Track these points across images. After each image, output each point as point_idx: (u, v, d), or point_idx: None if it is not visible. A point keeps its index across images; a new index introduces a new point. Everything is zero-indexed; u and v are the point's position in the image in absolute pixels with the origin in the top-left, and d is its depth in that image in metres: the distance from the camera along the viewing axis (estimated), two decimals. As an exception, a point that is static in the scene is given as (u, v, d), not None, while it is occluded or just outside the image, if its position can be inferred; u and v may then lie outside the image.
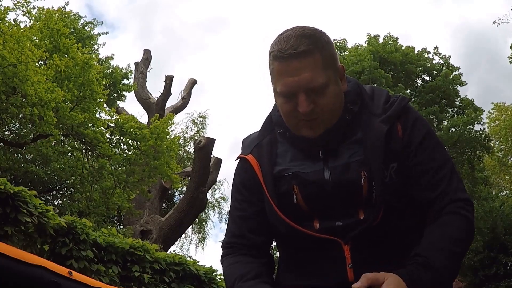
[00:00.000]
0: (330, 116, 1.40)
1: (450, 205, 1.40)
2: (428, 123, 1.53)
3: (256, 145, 1.53)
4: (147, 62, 17.48)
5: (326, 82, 1.36)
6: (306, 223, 1.44)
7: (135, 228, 12.28)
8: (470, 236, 1.41)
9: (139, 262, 5.84)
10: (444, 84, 19.50)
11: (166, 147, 10.86)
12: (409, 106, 1.50)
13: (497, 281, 17.98)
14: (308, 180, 1.43)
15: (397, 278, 1.26)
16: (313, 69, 1.35)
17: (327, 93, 1.38)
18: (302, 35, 1.37)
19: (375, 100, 1.49)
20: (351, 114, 1.45)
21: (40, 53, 9.22)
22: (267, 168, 1.47)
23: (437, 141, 1.49)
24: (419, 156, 1.44)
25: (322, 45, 1.38)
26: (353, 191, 1.40)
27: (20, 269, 2.07)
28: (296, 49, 1.35)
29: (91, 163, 11.35)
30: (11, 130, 11.56)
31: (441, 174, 1.43)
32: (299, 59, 1.35)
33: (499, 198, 22.38)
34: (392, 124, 1.43)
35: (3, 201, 4.71)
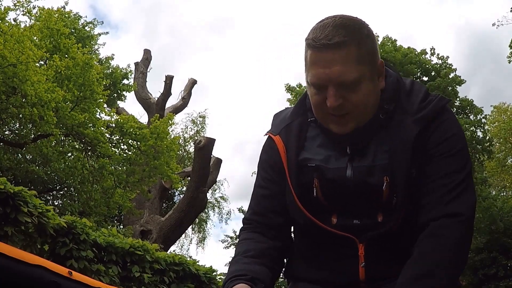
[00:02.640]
0: (360, 114, 1.34)
1: (444, 218, 1.31)
2: (459, 126, 1.42)
3: (286, 125, 1.47)
4: (147, 62, 17.48)
5: (358, 77, 1.29)
6: (324, 217, 1.41)
7: (135, 228, 12.29)
8: (464, 253, 1.31)
9: (139, 262, 5.85)
10: (443, 84, 19.50)
11: (166, 147, 10.86)
12: (447, 108, 1.41)
13: (497, 281, 17.99)
14: (329, 176, 1.39)
15: None
16: (346, 62, 1.28)
17: (359, 89, 1.31)
18: (340, 25, 1.30)
19: (413, 97, 1.40)
20: (385, 113, 1.38)
21: (40, 53, 9.23)
22: (293, 155, 1.42)
23: (460, 148, 1.37)
24: (435, 159, 1.36)
25: (360, 37, 1.31)
26: (373, 194, 1.36)
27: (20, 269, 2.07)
28: (330, 40, 1.28)
29: (91, 163, 11.35)
30: (11, 130, 11.57)
31: (448, 183, 1.34)
32: (333, 50, 1.28)
33: (499, 198, 22.39)
34: (424, 126, 1.35)
35: (3, 201, 4.71)
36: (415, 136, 1.34)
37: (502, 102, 25.75)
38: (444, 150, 1.36)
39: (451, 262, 1.28)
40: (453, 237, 1.29)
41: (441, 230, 1.31)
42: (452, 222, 1.31)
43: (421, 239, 1.32)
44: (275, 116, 1.55)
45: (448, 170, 1.35)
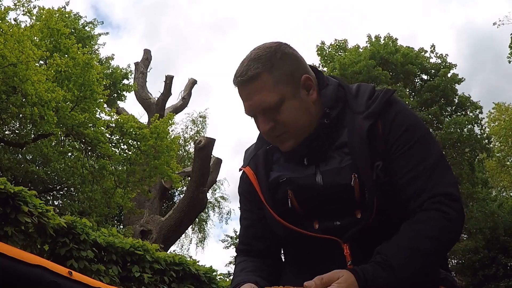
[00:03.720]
0: (296, 129, 1.43)
1: (428, 201, 1.35)
2: (413, 115, 1.48)
3: (253, 156, 1.58)
4: (147, 62, 17.48)
5: (278, 100, 1.39)
6: (306, 225, 1.46)
7: (135, 228, 12.28)
8: (447, 232, 1.33)
9: (139, 262, 5.84)
10: (442, 83, 19.49)
11: (166, 147, 10.86)
12: (393, 100, 1.47)
13: (497, 281, 17.98)
14: (301, 185, 1.45)
15: (350, 277, 1.24)
16: (262, 91, 1.39)
17: (284, 109, 1.40)
18: (252, 59, 1.41)
19: (359, 97, 1.48)
20: (329, 118, 1.44)
21: (40, 53, 9.22)
22: (263, 177, 1.51)
23: (421, 136, 1.43)
24: (397, 152, 1.41)
25: (272, 64, 1.40)
26: (345, 193, 1.40)
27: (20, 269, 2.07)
28: (244, 76, 1.40)
29: (91, 163, 11.35)
30: (11, 130, 11.56)
31: (419, 170, 1.38)
32: (248, 84, 1.40)
33: (499, 198, 22.38)
34: (374, 121, 1.42)
35: (3, 201, 4.71)
36: (367, 130, 1.40)
37: (502, 102, 25.74)
38: (405, 143, 1.41)
39: (430, 249, 1.31)
40: (434, 223, 1.32)
41: (437, 205, 1.34)
42: (445, 199, 1.34)
43: (404, 225, 1.35)
44: (245, 151, 1.66)
45: (417, 160, 1.39)
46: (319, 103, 1.46)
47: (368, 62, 18.68)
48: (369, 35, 20.72)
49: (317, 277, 1.24)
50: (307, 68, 1.49)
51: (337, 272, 1.25)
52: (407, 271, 1.28)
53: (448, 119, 19.54)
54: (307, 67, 1.49)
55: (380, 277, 1.26)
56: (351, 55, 19.66)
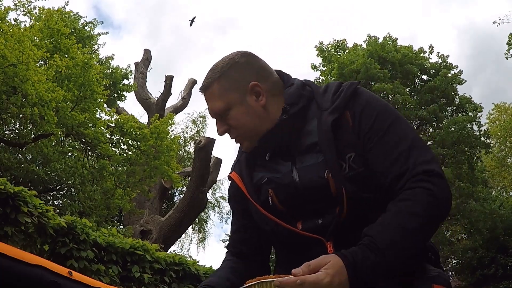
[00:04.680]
0: (246, 133, 1.53)
1: (410, 181, 1.36)
2: (381, 103, 1.50)
3: (236, 162, 1.67)
4: (147, 62, 17.47)
5: (226, 106, 1.52)
6: (290, 225, 1.49)
7: (135, 228, 12.28)
8: (432, 207, 1.32)
9: (139, 262, 5.84)
10: (442, 83, 19.48)
11: (166, 147, 10.86)
12: (358, 91, 1.51)
13: (496, 281, 17.98)
14: (280, 183, 1.51)
15: (338, 262, 1.24)
16: (213, 98, 1.54)
17: (232, 114, 1.52)
18: (209, 71, 1.57)
19: (327, 94, 1.53)
20: (287, 113, 1.51)
21: (40, 53, 9.23)
22: (247, 180, 1.59)
23: (392, 120, 1.46)
24: (372, 140, 1.43)
25: (220, 75, 1.53)
26: (321, 189, 1.43)
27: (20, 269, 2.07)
28: (202, 85, 1.58)
29: (91, 163, 11.35)
30: (11, 130, 11.56)
31: (397, 153, 1.40)
32: (204, 92, 1.57)
33: (499, 198, 22.38)
34: (340, 114, 1.46)
35: (3, 201, 4.71)
36: (331, 125, 1.44)
37: (503, 102, 25.74)
38: (378, 131, 1.43)
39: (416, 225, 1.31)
40: (417, 200, 1.32)
41: (418, 183, 1.35)
42: (426, 176, 1.35)
43: (388, 206, 1.36)
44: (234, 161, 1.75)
45: (392, 145, 1.41)
46: (280, 104, 1.53)
47: (366, 60, 18.67)
48: (368, 35, 20.72)
49: (305, 264, 1.24)
50: (261, 75, 1.55)
51: (325, 257, 1.26)
52: (395, 251, 1.28)
53: (449, 119, 19.53)
54: (262, 74, 1.56)
55: (368, 259, 1.26)
56: (349, 54, 19.65)
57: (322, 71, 20.68)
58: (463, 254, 20.48)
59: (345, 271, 1.23)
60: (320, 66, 20.79)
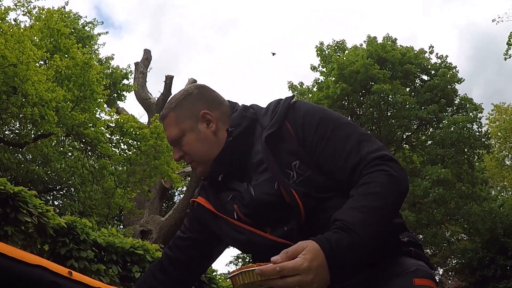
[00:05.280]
0: (199, 158, 1.64)
1: (365, 168, 1.43)
2: (320, 110, 1.59)
3: (200, 188, 1.75)
4: (147, 62, 17.48)
5: (179, 133, 1.65)
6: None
7: (135, 228, 12.29)
8: (390, 184, 1.39)
9: (139, 262, 5.84)
10: (441, 82, 19.47)
11: (166, 147, 10.86)
12: (294, 104, 1.60)
13: (495, 282, 17.99)
14: (241, 199, 1.58)
15: (314, 246, 1.27)
16: (169, 126, 1.66)
17: (185, 140, 1.64)
18: (167, 102, 1.70)
19: (268, 113, 1.62)
20: (230, 135, 1.60)
21: (40, 53, 9.23)
22: (215, 201, 1.67)
23: (334, 123, 1.53)
24: (320, 146, 1.50)
25: (175, 105, 1.67)
26: (276, 200, 1.50)
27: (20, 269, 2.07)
28: (160, 116, 1.71)
29: (91, 163, 11.35)
30: (11, 130, 11.56)
31: (348, 150, 1.47)
32: (163, 121, 1.70)
33: (499, 199, 22.38)
34: (277, 127, 1.54)
35: (3, 201, 4.71)
36: (265, 139, 1.52)
37: (502, 103, 25.74)
38: (323, 136, 1.51)
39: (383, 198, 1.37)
40: (376, 180, 1.39)
41: (372, 168, 1.42)
42: (379, 161, 1.43)
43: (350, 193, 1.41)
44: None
45: (341, 144, 1.49)
46: (212, 136, 1.64)
47: (365, 61, 18.66)
48: (368, 35, 20.72)
49: (283, 251, 1.27)
50: (212, 105, 1.67)
51: (301, 243, 1.29)
52: (365, 229, 1.31)
53: (449, 119, 19.52)
54: (212, 103, 1.67)
55: (343, 239, 1.28)
56: (349, 55, 19.65)
57: (321, 71, 20.68)
58: (463, 254, 20.49)
59: (322, 254, 1.26)
60: (319, 67, 20.79)
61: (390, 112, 19.91)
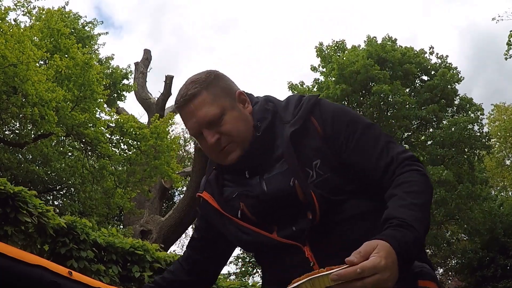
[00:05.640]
0: (239, 138, 1.54)
1: (398, 168, 1.46)
2: (349, 110, 1.60)
3: (206, 181, 1.69)
4: (147, 62, 17.47)
5: (220, 112, 1.52)
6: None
7: (135, 228, 12.28)
8: (428, 184, 1.44)
9: (139, 262, 5.84)
10: (442, 83, 19.47)
11: (166, 147, 10.86)
12: (320, 102, 1.58)
13: (495, 281, 17.98)
14: (250, 196, 1.55)
15: (385, 244, 1.25)
16: (204, 105, 1.52)
17: (226, 120, 1.53)
18: (189, 82, 1.56)
19: (288, 108, 1.59)
20: (259, 130, 1.55)
21: (40, 53, 9.22)
22: (219, 197, 1.63)
23: (363, 123, 1.55)
24: (350, 144, 1.51)
25: (208, 83, 1.55)
26: (289, 197, 1.49)
27: (20, 269, 2.07)
28: (186, 96, 1.54)
29: (91, 163, 11.35)
30: (11, 130, 11.56)
31: (379, 149, 1.50)
32: (190, 102, 1.53)
33: (499, 198, 22.38)
34: (301, 124, 1.52)
35: (3, 201, 4.71)
36: (290, 135, 1.50)
37: (502, 102, 25.74)
38: (353, 137, 1.52)
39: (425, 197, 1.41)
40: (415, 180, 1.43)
41: (408, 167, 1.46)
42: (411, 161, 1.47)
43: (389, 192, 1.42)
44: (202, 180, 1.78)
45: (370, 145, 1.51)
46: (249, 117, 1.58)
47: (366, 61, 18.66)
48: (368, 36, 20.71)
49: (355, 252, 1.24)
50: (238, 87, 1.63)
51: (370, 243, 1.26)
52: (420, 226, 1.32)
53: (450, 119, 19.52)
54: (238, 87, 1.64)
55: (407, 236, 1.28)
56: (349, 55, 19.64)
57: (321, 72, 20.67)
58: (463, 254, 20.49)
59: (393, 251, 1.25)
60: (319, 67, 20.78)
61: (390, 112, 19.91)
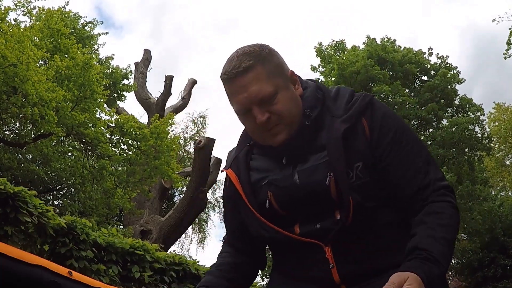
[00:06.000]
0: (289, 120, 1.45)
1: (432, 195, 1.42)
2: (398, 118, 1.53)
3: (234, 158, 1.60)
4: (147, 62, 17.46)
5: (274, 90, 1.42)
6: (287, 229, 1.47)
7: (135, 228, 12.28)
8: (457, 218, 1.42)
9: (139, 262, 5.84)
10: (442, 83, 19.47)
11: (166, 147, 10.86)
12: (374, 102, 1.50)
13: (496, 281, 17.98)
14: (280, 185, 1.48)
15: (416, 277, 1.25)
16: (258, 81, 1.41)
17: (278, 99, 1.43)
18: (242, 54, 1.44)
19: (338, 101, 1.51)
20: (309, 119, 1.47)
21: (40, 53, 9.23)
22: (245, 179, 1.54)
23: (409, 136, 1.49)
24: (391, 154, 1.45)
25: (263, 57, 1.44)
26: (321, 192, 1.42)
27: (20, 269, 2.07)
28: (239, 68, 1.42)
29: (91, 163, 11.35)
30: (11, 130, 11.56)
31: (418, 167, 1.44)
32: (243, 76, 1.42)
33: (499, 198, 22.37)
34: (353, 123, 1.45)
35: (3, 201, 4.71)
36: (343, 131, 1.43)
37: (502, 102, 25.75)
38: (397, 145, 1.46)
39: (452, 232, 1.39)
40: (447, 212, 1.40)
41: (443, 197, 1.42)
42: (447, 191, 1.44)
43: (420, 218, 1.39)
44: (228, 153, 1.68)
45: (411, 160, 1.45)
46: (299, 100, 1.50)
47: (366, 62, 18.66)
48: (367, 36, 20.71)
49: (390, 283, 1.24)
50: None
51: (400, 274, 1.26)
52: (446, 261, 1.32)
53: (450, 120, 19.52)
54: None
55: (433, 271, 1.29)
56: (349, 55, 19.64)
57: (321, 72, 20.67)
58: (463, 254, 20.48)
59: (422, 283, 1.25)
60: (319, 67, 20.78)
61: (390, 112, 19.90)
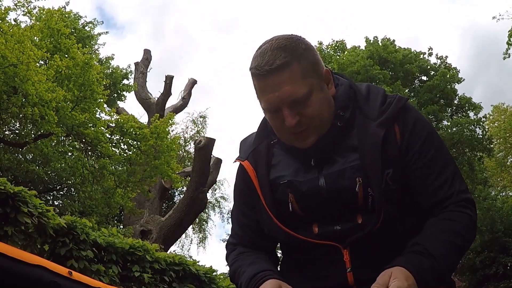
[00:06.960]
0: (320, 124, 1.37)
1: (452, 205, 1.40)
2: (428, 123, 1.48)
3: (252, 150, 1.50)
4: (147, 62, 17.46)
5: (308, 91, 1.33)
6: (305, 228, 1.42)
7: (135, 228, 12.28)
8: (472, 232, 1.39)
9: (139, 262, 5.85)
10: (441, 83, 19.49)
11: (166, 147, 10.86)
12: (407, 106, 1.44)
13: (496, 281, 17.96)
14: (302, 189, 1.41)
15: (402, 270, 1.25)
16: (292, 81, 1.31)
17: (311, 101, 1.34)
18: (277, 48, 1.33)
19: (371, 101, 1.43)
20: (342, 120, 1.40)
21: (40, 53, 9.22)
22: (263, 175, 1.45)
23: (438, 143, 1.44)
24: (420, 161, 1.40)
25: (300, 54, 1.34)
26: (348, 197, 1.37)
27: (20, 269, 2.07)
28: (272, 65, 1.31)
29: (91, 163, 11.35)
30: (11, 130, 11.56)
31: (443, 178, 1.40)
32: (277, 74, 1.31)
33: (499, 198, 22.36)
34: (388, 128, 1.39)
35: (3, 201, 4.71)
36: (382, 138, 1.36)
37: (501, 103, 25.77)
38: (426, 152, 1.41)
39: (460, 242, 1.36)
40: (463, 222, 1.37)
41: (461, 208, 1.39)
42: (467, 203, 1.41)
43: (432, 221, 1.38)
44: (242, 142, 1.58)
45: (439, 169, 1.41)
46: (332, 100, 1.42)
47: (366, 62, 18.67)
48: (366, 37, 20.71)
49: (375, 285, 1.24)
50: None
51: (384, 272, 1.25)
52: (445, 262, 1.31)
53: (450, 120, 19.53)
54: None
55: (424, 263, 1.27)
56: (349, 55, 19.65)
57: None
58: (463, 254, 20.45)
59: (410, 274, 1.24)
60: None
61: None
